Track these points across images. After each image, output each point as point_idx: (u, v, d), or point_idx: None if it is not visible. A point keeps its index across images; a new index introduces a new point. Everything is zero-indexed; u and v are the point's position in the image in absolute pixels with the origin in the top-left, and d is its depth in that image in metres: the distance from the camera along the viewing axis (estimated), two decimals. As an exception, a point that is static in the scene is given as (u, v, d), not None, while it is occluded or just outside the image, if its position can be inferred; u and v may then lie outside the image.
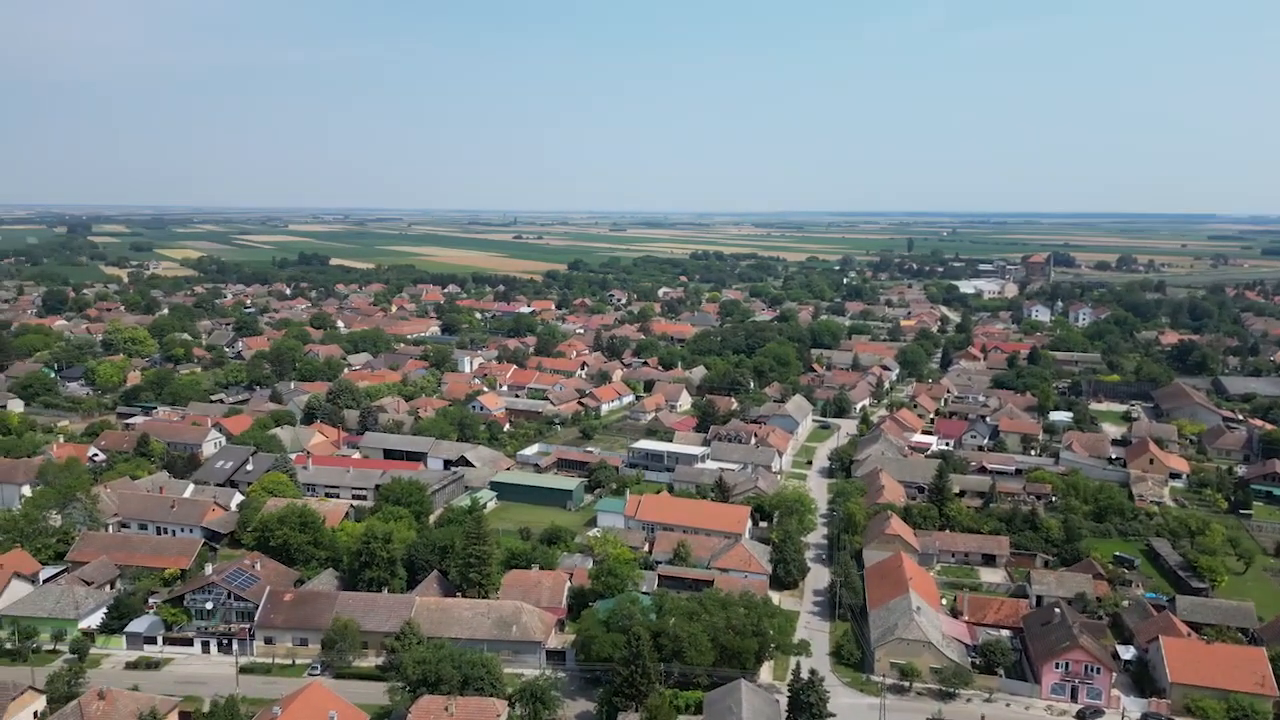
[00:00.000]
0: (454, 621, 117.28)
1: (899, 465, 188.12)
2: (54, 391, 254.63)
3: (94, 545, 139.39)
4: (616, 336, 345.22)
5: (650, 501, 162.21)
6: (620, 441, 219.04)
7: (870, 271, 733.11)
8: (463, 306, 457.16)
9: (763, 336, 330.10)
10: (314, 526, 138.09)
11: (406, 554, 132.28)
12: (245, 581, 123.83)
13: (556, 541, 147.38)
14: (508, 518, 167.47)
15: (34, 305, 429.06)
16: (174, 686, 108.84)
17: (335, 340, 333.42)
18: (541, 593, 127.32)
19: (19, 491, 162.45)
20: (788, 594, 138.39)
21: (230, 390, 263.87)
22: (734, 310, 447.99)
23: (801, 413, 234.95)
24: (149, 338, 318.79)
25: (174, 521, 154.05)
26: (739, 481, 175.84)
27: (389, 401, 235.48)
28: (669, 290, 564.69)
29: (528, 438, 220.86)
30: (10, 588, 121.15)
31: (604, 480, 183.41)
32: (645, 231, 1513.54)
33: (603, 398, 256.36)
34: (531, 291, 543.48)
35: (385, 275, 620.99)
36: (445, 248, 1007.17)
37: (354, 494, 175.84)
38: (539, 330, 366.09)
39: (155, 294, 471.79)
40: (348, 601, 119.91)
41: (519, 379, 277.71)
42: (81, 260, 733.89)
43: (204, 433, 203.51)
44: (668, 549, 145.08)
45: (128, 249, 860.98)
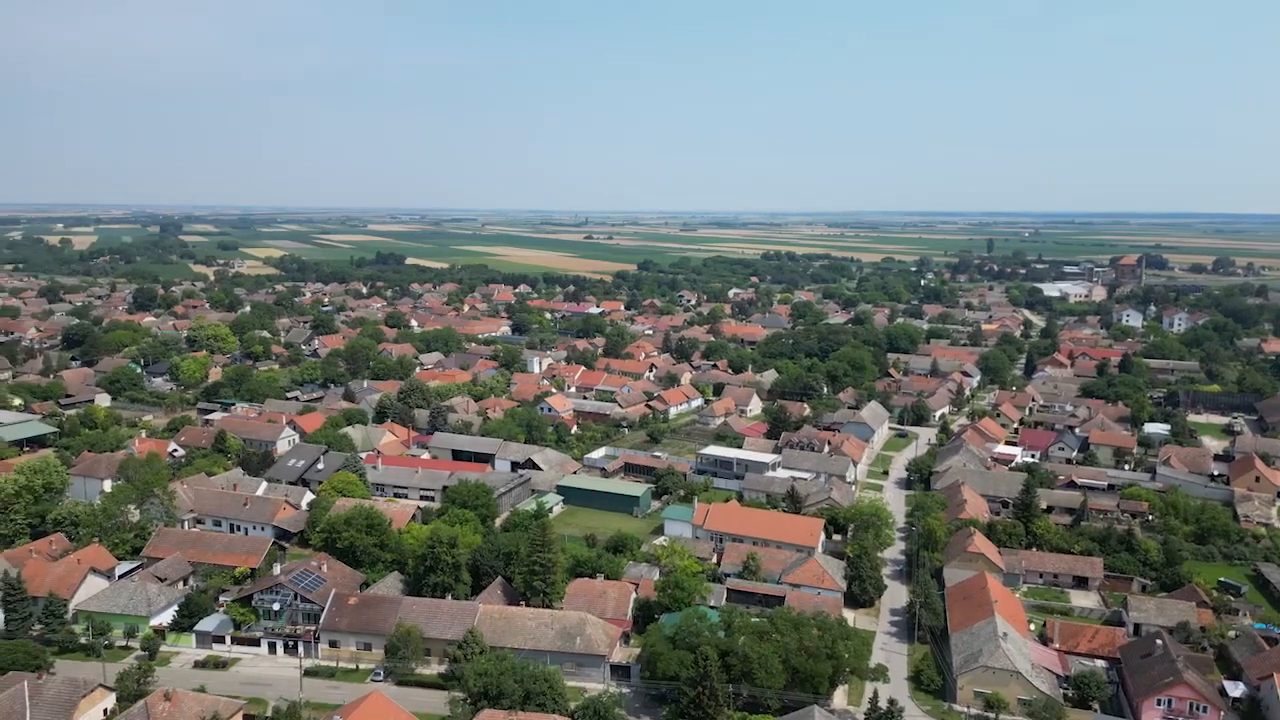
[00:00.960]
0: (517, 631, 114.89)
1: (981, 478, 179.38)
2: (140, 387, 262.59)
3: (169, 541, 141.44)
4: (685, 338, 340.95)
5: (719, 511, 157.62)
6: (688, 446, 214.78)
7: (949, 273, 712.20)
8: (533, 306, 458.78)
9: (836, 340, 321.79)
10: (380, 529, 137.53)
11: (471, 559, 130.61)
12: (312, 583, 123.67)
13: (622, 550, 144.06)
14: (573, 523, 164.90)
15: (125, 302, 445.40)
16: (240, 688, 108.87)
17: (408, 339, 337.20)
18: (606, 603, 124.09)
19: (100, 486, 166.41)
20: (863, 613, 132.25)
21: (305, 388, 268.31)
22: (806, 312, 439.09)
23: (877, 420, 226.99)
24: (230, 335, 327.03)
25: (246, 519, 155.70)
26: (811, 492, 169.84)
27: (458, 401, 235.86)
28: (739, 291, 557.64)
29: (595, 441, 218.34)
30: (87, 583, 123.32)
31: (671, 487, 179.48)
32: (716, 231, 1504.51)
33: (671, 401, 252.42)
34: (601, 292, 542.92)
35: (459, 275, 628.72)
36: (517, 248, 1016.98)
37: (422, 495, 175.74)
38: (608, 331, 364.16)
39: (238, 292, 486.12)
40: (411, 607, 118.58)
41: (587, 380, 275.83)
42: (172, 259, 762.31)
43: (278, 430, 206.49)
44: (737, 561, 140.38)
45: (215, 248, 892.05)
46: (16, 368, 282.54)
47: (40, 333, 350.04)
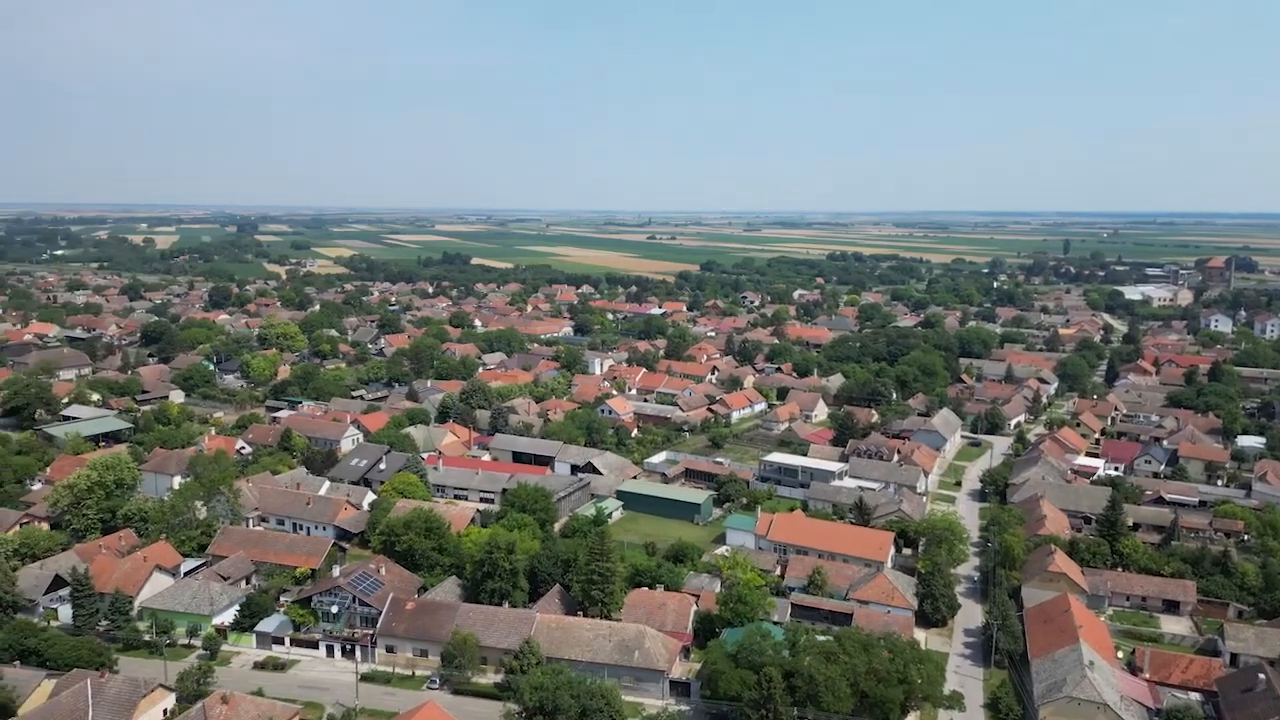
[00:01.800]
0: (574, 643, 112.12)
1: (1062, 491, 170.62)
2: (211, 383, 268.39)
3: (233, 540, 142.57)
4: (749, 340, 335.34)
5: (783, 521, 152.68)
6: (751, 452, 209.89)
7: (1022, 275, 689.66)
8: (595, 307, 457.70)
9: (906, 343, 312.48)
10: (439, 532, 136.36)
11: (529, 565, 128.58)
12: (370, 587, 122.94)
13: (683, 559, 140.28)
14: (633, 529, 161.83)
15: (202, 300, 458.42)
16: (297, 691, 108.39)
17: (472, 339, 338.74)
18: (666, 616, 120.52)
19: (170, 483, 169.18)
20: (935, 632, 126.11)
21: (370, 387, 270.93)
22: (874, 314, 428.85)
23: (949, 428, 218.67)
24: (299, 333, 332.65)
25: (308, 519, 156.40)
26: (880, 503, 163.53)
27: (520, 402, 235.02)
28: (804, 292, 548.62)
29: (655, 444, 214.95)
30: (152, 580, 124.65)
31: (733, 494, 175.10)
32: (780, 231, 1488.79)
33: (733, 405, 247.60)
34: (663, 293, 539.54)
35: (522, 275, 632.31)
36: (580, 248, 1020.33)
37: (482, 497, 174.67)
38: (669, 332, 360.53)
39: (309, 291, 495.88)
40: (468, 614, 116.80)
41: (648, 383, 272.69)
42: (247, 258, 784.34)
43: (343, 429, 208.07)
44: (801, 575, 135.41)
45: (289, 247, 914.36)
46: (97, 363, 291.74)
47: (121, 330, 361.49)
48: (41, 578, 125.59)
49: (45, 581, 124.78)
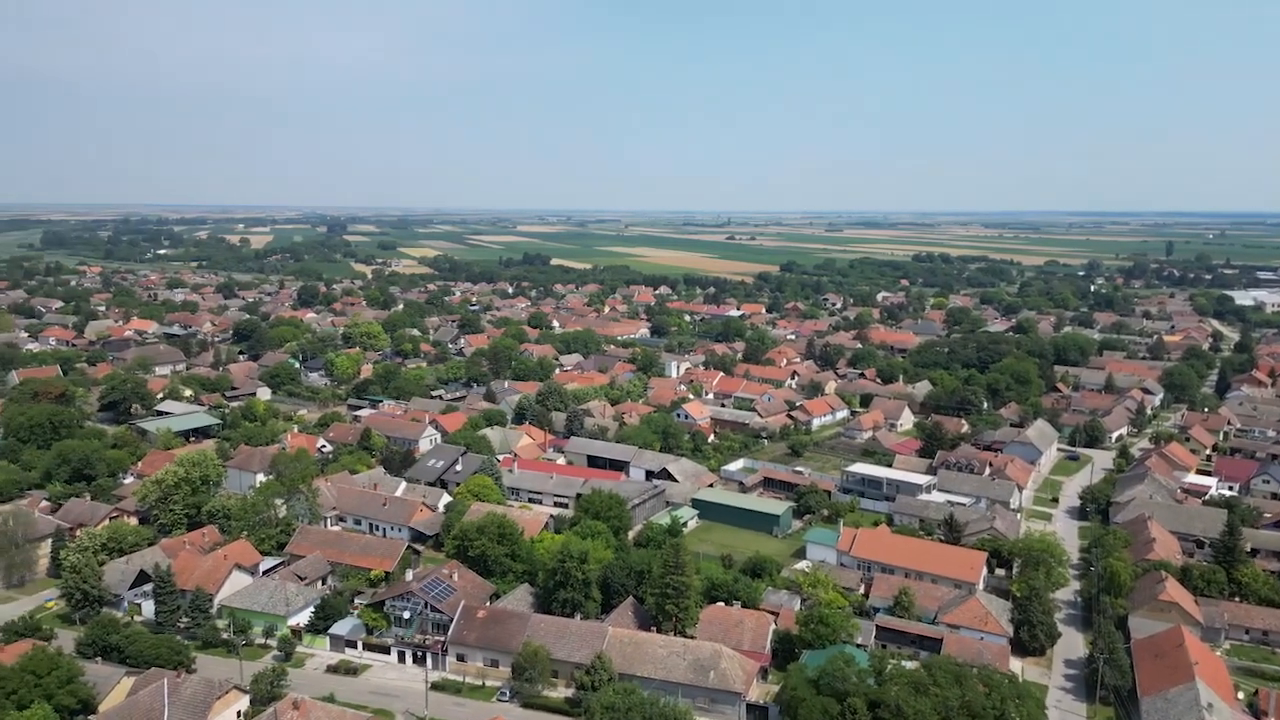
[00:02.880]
0: (647, 659, 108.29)
1: (1171, 512, 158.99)
2: (297, 381, 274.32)
3: (310, 540, 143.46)
4: (830, 344, 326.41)
5: (867, 536, 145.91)
6: (832, 462, 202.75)
7: (1121, 278, 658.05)
8: (673, 309, 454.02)
9: (997, 349, 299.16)
10: (512, 538, 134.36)
11: (602, 576, 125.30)
12: (442, 593, 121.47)
13: (761, 574, 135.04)
14: (708, 539, 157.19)
15: (291, 299, 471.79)
16: (368, 696, 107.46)
17: (549, 340, 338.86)
18: (743, 634, 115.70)
19: (253, 480, 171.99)
20: (1032, 662, 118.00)
21: (449, 386, 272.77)
22: (963, 318, 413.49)
23: (1045, 440, 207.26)
24: (382, 332, 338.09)
25: (384, 519, 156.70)
26: (971, 519, 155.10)
27: (595, 405, 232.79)
28: (889, 295, 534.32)
29: (733, 451, 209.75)
30: (231, 579, 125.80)
31: (814, 506, 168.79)
32: (863, 232, 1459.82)
33: (814, 411, 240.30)
34: (742, 294, 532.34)
35: (600, 275, 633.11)
36: (658, 248, 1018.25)
37: (556, 501, 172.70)
38: (748, 335, 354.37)
39: (393, 290, 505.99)
40: (539, 625, 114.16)
41: (725, 387, 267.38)
42: (336, 257, 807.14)
43: (421, 429, 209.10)
44: (887, 594, 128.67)
45: (376, 247, 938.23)
46: (191, 360, 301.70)
47: (215, 327, 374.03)
48: (127, 573, 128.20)
49: (130, 576, 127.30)
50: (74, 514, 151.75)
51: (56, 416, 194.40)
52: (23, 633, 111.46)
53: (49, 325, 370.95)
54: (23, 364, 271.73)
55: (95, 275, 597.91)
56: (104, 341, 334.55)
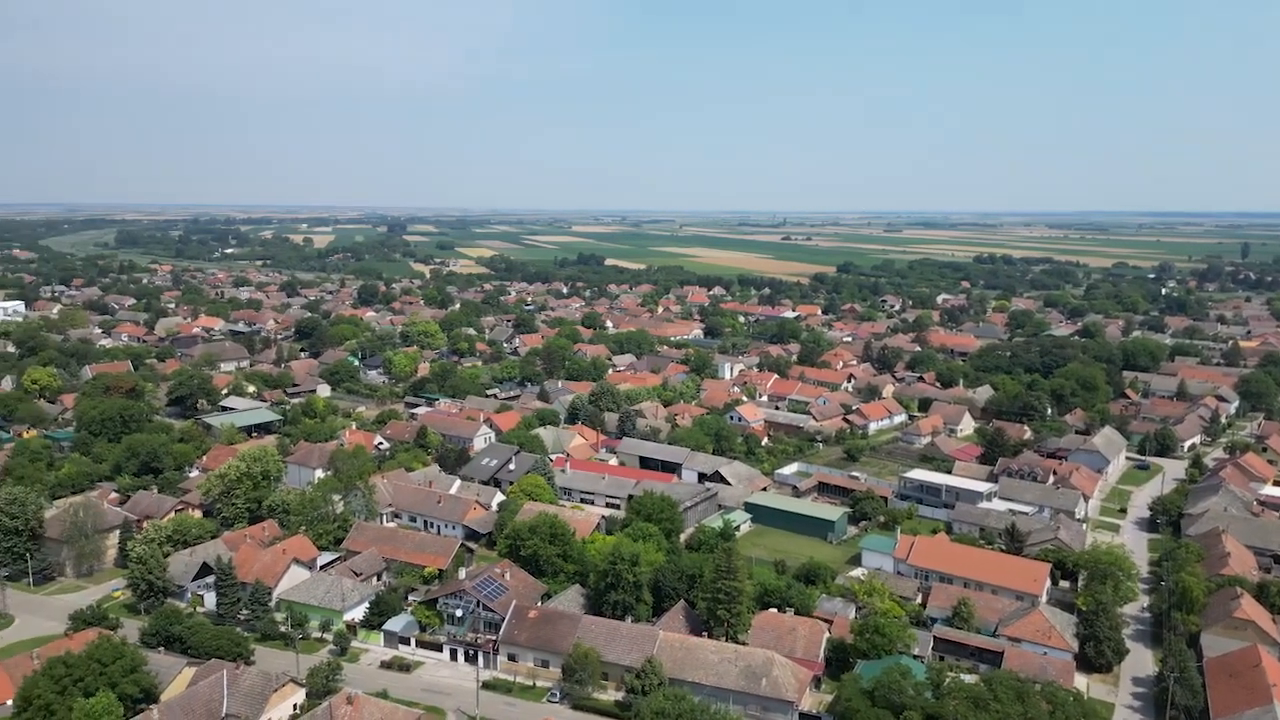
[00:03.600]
0: (698, 665, 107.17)
1: (1247, 526, 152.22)
2: (356, 379, 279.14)
3: (366, 536, 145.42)
4: (888, 347, 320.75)
5: (925, 544, 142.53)
6: (889, 467, 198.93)
7: (1194, 281, 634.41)
8: (726, 310, 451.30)
9: (1062, 354, 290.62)
10: (564, 539, 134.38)
11: (653, 579, 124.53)
12: (494, 592, 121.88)
13: (815, 580, 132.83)
14: (761, 544, 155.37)
15: (351, 297, 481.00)
16: (420, 694, 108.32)
17: (603, 340, 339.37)
18: (796, 641, 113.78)
19: (312, 476, 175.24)
20: (1098, 679, 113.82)
21: (504, 385, 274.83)
22: (1026, 322, 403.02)
23: (1112, 449, 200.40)
24: (439, 331, 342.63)
25: (439, 517, 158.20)
26: (1034, 529, 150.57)
27: (648, 406, 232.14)
28: (949, 297, 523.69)
29: (786, 455, 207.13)
30: (290, 572, 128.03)
31: (870, 512, 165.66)
32: (923, 233, 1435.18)
33: (871, 415, 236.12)
34: (797, 295, 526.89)
35: (654, 276, 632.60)
36: (713, 249, 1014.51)
37: (608, 502, 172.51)
38: (803, 337, 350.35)
39: (450, 290, 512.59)
40: (590, 627, 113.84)
41: (780, 389, 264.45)
42: (396, 257, 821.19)
43: (476, 428, 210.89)
44: (945, 605, 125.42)
45: (434, 247, 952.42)
46: (254, 356, 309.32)
47: (278, 325, 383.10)
48: (191, 564, 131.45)
49: (194, 568, 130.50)
50: (141, 506, 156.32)
51: (127, 411, 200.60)
52: (90, 621, 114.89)
53: (121, 321, 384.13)
54: (96, 359, 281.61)
55: (166, 273, 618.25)
56: (173, 338, 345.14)
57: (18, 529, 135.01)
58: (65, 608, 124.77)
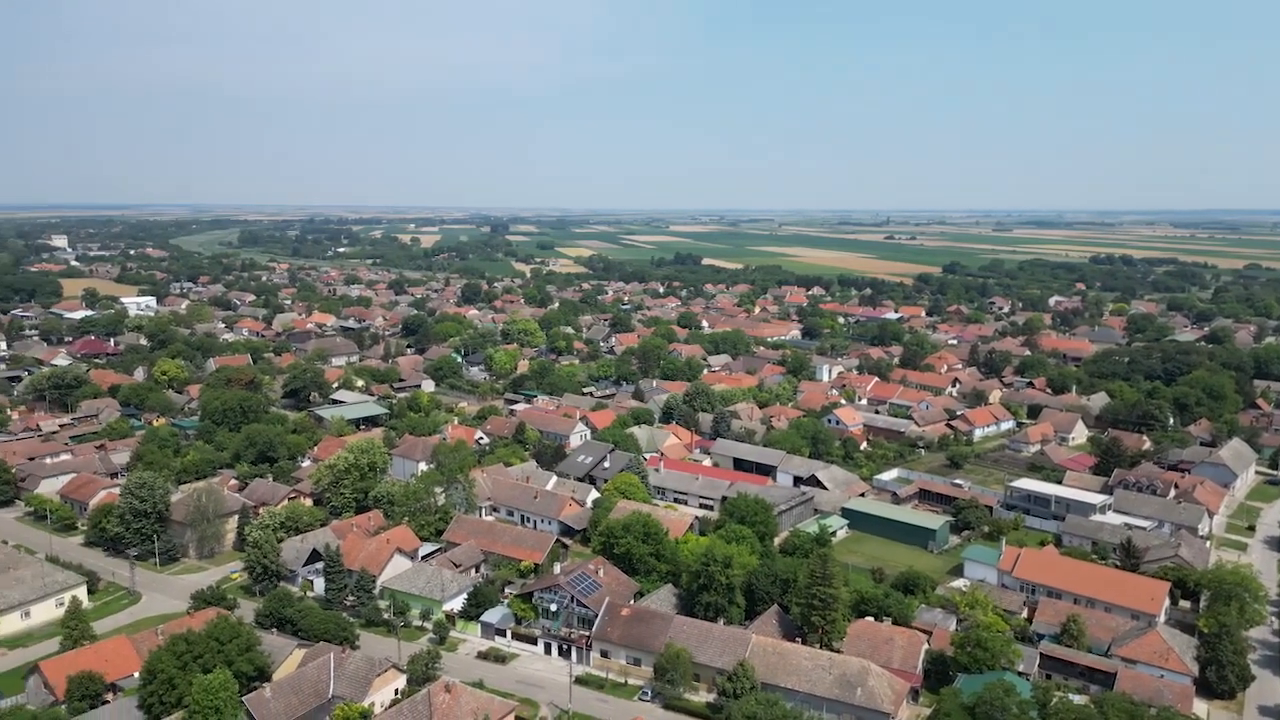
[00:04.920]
0: (791, 670, 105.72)
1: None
2: (458, 375, 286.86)
3: (465, 528, 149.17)
4: (996, 351, 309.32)
5: (1032, 557, 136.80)
6: (995, 475, 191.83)
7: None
8: (825, 310, 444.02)
9: (1186, 361, 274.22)
10: (657, 538, 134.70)
11: (746, 581, 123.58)
12: (588, 588, 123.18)
13: (913, 590, 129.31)
14: (858, 551, 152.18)
15: (455, 296, 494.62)
16: (515, 685, 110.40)
17: (698, 340, 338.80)
18: (893, 651, 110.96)
19: (416, 468, 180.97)
20: (1220, 706, 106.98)
21: (600, 384, 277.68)
22: (1146, 326, 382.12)
23: (1241, 462, 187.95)
24: (538, 330, 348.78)
25: (535, 512, 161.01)
26: (1152, 544, 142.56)
27: (743, 407, 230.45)
28: (1062, 299, 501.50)
29: (886, 460, 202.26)
30: (393, 562, 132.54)
31: (974, 521, 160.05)
32: (1034, 232, 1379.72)
33: (976, 421, 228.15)
34: (900, 296, 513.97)
35: (752, 276, 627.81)
36: (813, 248, 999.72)
37: (701, 503, 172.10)
38: (906, 339, 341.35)
39: (549, 289, 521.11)
40: (682, 627, 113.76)
41: (880, 393, 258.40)
42: (498, 256, 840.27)
43: (572, 425, 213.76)
44: (1053, 621, 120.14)
45: (535, 247, 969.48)
46: (363, 352, 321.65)
47: (386, 321, 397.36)
48: (302, 550, 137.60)
49: (304, 554, 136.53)
50: (258, 493, 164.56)
51: (246, 402, 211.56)
52: (210, 601, 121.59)
53: (242, 317, 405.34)
54: (219, 352, 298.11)
55: (283, 271, 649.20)
56: (288, 333, 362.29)
57: (146, 511, 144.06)
58: (188, 587, 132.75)
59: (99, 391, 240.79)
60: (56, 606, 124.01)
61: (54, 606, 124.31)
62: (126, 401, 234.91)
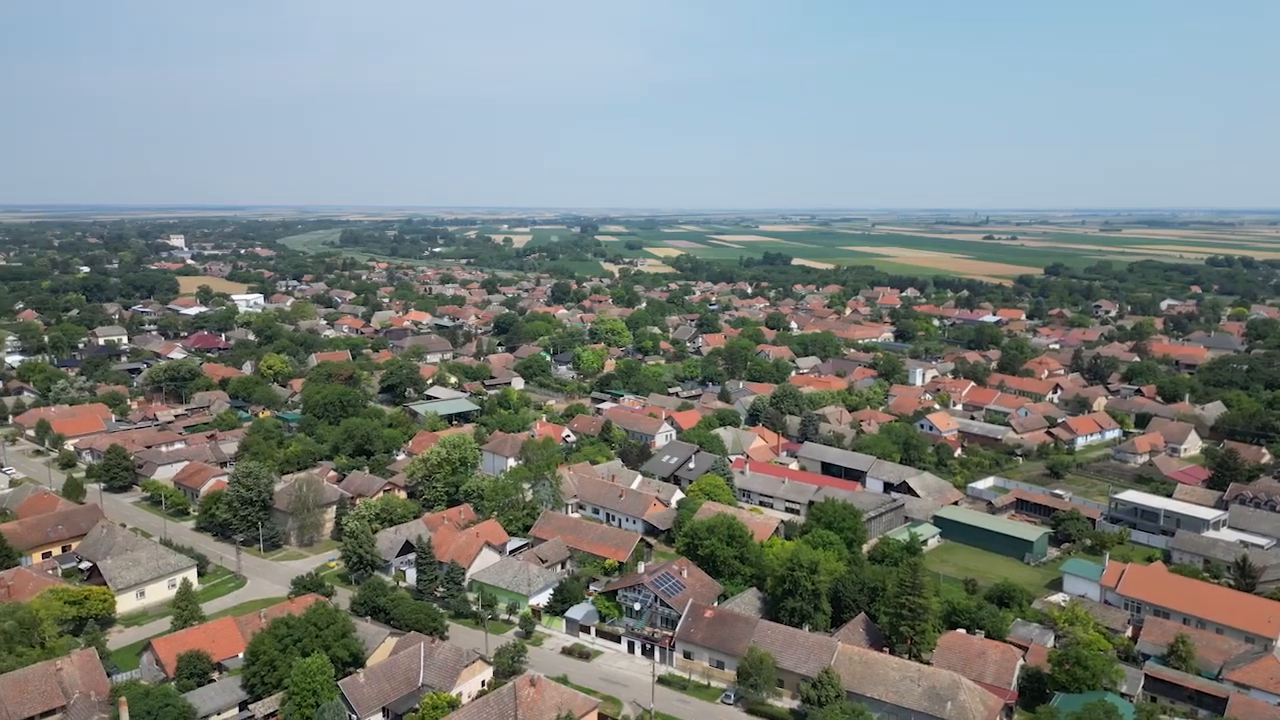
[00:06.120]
0: (878, 680, 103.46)
1: None
2: (547, 373, 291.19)
3: (552, 524, 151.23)
4: (1101, 356, 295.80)
5: (1138, 573, 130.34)
6: (1099, 487, 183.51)
7: None
8: (919, 312, 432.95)
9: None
10: (741, 541, 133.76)
11: (833, 588, 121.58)
12: (672, 588, 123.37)
13: (1009, 603, 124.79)
14: (950, 561, 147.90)
15: (545, 295, 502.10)
16: (598, 683, 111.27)
17: (786, 341, 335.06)
18: (985, 666, 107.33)
19: (505, 464, 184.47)
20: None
21: (685, 384, 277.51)
22: (1268, 332, 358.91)
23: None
24: (625, 329, 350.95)
25: (620, 510, 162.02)
26: (1270, 564, 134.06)
27: (831, 411, 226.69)
28: (1174, 303, 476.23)
29: (982, 468, 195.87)
30: (482, 555, 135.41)
31: (1075, 534, 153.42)
32: (1145, 231, 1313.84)
33: (1078, 430, 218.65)
34: (999, 298, 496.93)
35: (843, 276, 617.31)
36: (907, 248, 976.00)
37: (787, 507, 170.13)
38: (1004, 343, 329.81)
39: (637, 289, 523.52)
40: (766, 631, 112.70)
41: (976, 398, 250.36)
42: (587, 256, 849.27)
43: (657, 425, 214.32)
44: (1160, 641, 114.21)
45: (623, 247, 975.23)
46: (456, 349, 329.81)
47: (478, 320, 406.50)
48: (395, 541, 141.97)
49: (398, 545, 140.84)
50: (355, 485, 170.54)
51: (345, 396, 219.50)
52: (309, 587, 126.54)
53: (343, 314, 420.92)
54: (320, 348, 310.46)
55: (382, 270, 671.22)
56: (386, 330, 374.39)
57: (252, 500, 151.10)
58: (289, 573, 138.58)
59: (210, 384, 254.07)
60: (169, 588, 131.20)
61: (167, 587, 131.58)
62: (235, 394, 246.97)
